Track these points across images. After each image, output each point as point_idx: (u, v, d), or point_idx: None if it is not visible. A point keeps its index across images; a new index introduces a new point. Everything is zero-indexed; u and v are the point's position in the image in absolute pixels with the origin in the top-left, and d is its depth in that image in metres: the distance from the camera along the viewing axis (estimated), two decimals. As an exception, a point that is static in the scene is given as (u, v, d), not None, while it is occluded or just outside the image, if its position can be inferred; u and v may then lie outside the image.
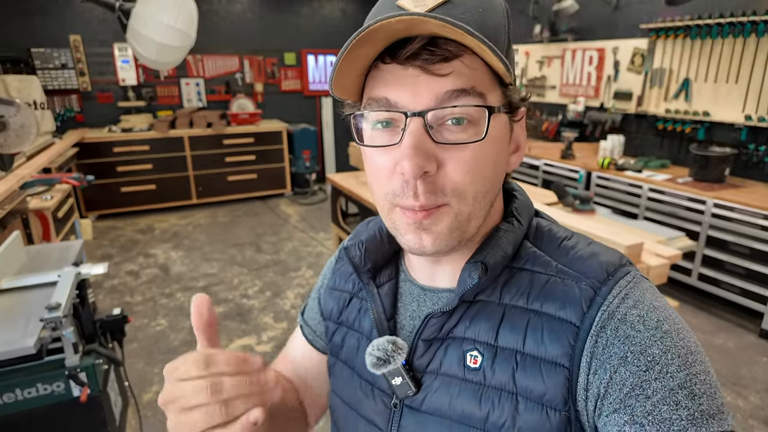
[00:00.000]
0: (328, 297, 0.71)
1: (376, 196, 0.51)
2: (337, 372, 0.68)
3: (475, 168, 0.47)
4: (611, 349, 0.46)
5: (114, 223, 5.19)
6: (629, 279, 0.50)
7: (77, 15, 5.15)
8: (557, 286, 0.50)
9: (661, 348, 0.45)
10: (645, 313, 0.47)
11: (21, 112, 2.97)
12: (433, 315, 0.54)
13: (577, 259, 0.52)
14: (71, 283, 1.76)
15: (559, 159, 4.29)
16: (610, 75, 4.40)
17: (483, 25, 0.44)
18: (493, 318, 0.52)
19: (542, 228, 0.57)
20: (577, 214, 2.29)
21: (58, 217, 3.09)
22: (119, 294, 3.60)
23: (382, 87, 0.46)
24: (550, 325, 0.49)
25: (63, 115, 5.31)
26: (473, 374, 0.52)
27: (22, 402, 1.68)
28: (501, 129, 0.49)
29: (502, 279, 0.53)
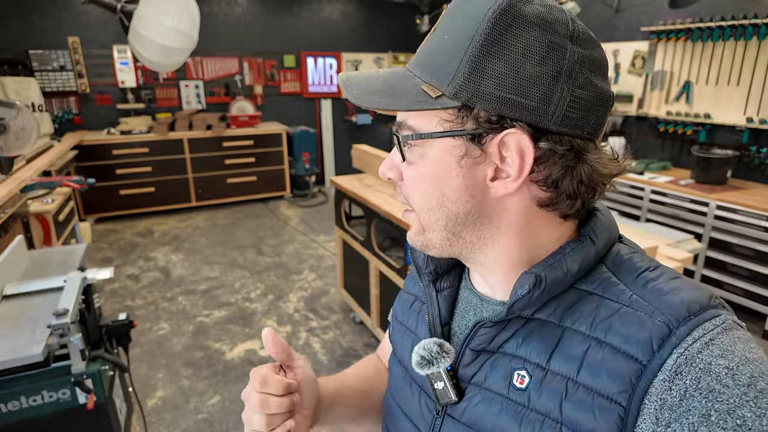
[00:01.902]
0: (399, 299, 0.75)
1: None
2: (393, 370, 0.70)
3: (414, 185, 0.53)
4: (690, 402, 0.40)
5: (113, 226, 5.16)
6: (717, 323, 0.44)
7: (75, 16, 5.12)
8: (627, 317, 0.46)
9: (755, 411, 0.38)
10: (735, 365, 0.41)
11: (21, 115, 2.94)
12: (483, 324, 0.53)
13: (655, 292, 0.47)
14: (78, 288, 1.74)
15: (561, 161, 4.29)
16: (611, 77, 4.41)
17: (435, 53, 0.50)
18: (548, 339, 0.49)
19: (622, 254, 0.52)
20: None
21: (59, 220, 3.06)
22: (120, 298, 3.57)
23: None
24: (611, 358, 0.45)
25: (61, 117, 5.27)
26: (518, 395, 0.50)
27: (27, 410, 1.65)
28: (443, 153, 0.50)
29: (567, 300, 0.50)
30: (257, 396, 0.55)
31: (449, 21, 0.50)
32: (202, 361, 2.84)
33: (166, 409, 2.45)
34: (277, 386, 0.56)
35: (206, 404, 2.50)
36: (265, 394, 0.55)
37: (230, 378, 2.68)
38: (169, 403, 2.50)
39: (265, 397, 0.55)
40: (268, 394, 0.55)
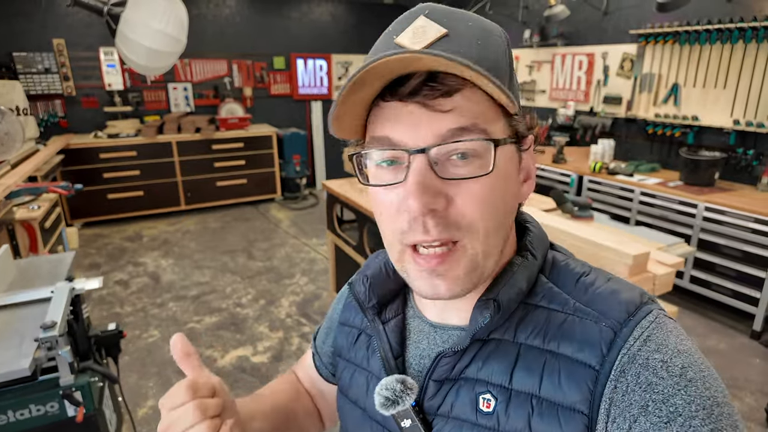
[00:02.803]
0: (339, 332, 0.69)
1: (386, 236, 0.50)
2: (347, 412, 0.65)
3: (486, 201, 0.45)
4: (632, 396, 0.43)
5: (101, 231, 5.09)
6: (651, 320, 0.47)
7: (61, 18, 5.04)
8: (575, 326, 0.48)
9: (685, 398, 0.42)
10: (669, 358, 0.44)
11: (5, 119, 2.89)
12: (444, 354, 0.52)
13: (596, 297, 0.49)
14: (66, 299, 1.71)
15: (551, 163, 4.32)
16: (599, 79, 4.45)
17: (483, 57, 0.44)
18: (507, 358, 0.50)
19: (558, 262, 0.55)
20: (576, 220, 2.29)
21: (45, 227, 3.01)
22: (108, 305, 3.52)
23: (383, 125, 0.46)
24: (567, 368, 0.47)
25: (47, 120, 5.19)
26: (486, 419, 0.49)
27: (14, 424, 1.62)
28: (508, 160, 0.48)
29: (517, 316, 0.51)
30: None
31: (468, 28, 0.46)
32: (194, 368, 2.80)
33: (157, 419, 2.41)
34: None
35: (198, 413, 2.46)
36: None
37: (222, 385, 2.65)
38: (160, 412, 2.46)
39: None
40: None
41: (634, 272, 1.56)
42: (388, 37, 0.47)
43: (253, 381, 2.69)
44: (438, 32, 0.44)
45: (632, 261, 1.53)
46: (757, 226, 3.00)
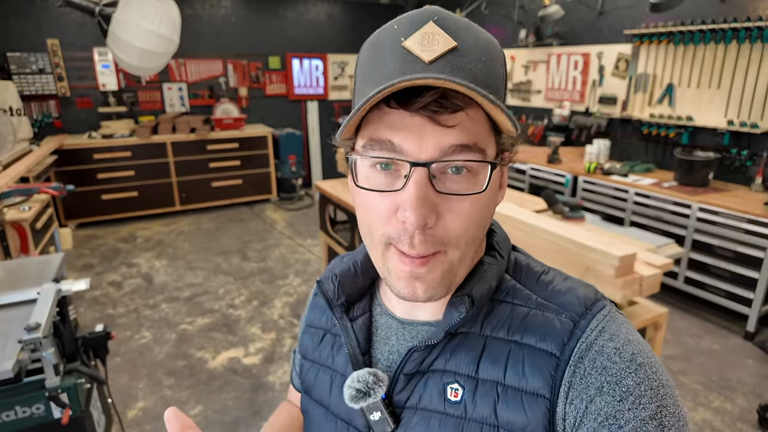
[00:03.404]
0: (305, 335, 0.70)
1: (372, 236, 0.50)
2: (310, 412, 0.65)
3: (473, 218, 0.48)
4: (588, 379, 0.48)
5: (95, 232, 5.07)
6: (605, 313, 0.52)
7: (55, 19, 5.03)
8: (538, 319, 0.52)
9: (635, 380, 0.46)
10: (621, 345, 0.49)
11: (-3, 120, 2.87)
12: (416, 349, 0.54)
13: (556, 293, 0.54)
14: (51, 300, 1.70)
15: (546, 163, 4.32)
16: (595, 80, 4.44)
17: (487, 75, 0.46)
18: (474, 350, 0.53)
19: (521, 262, 0.59)
20: (567, 221, 2.28)
21: (36, 228, 3.00)
22: (101, 306, 3.51)
23: (386, 129, 0.46)
24: (530, 357, 0.50)
25: (41, 121, 5.17)
26: (454, 408, 0.52)
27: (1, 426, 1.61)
28: (496, 177, 0.50)
29: (483, 311, 0.54)
30: None
31: (475, 42, 0.47)
32: (185, 370, 2.80)
33: (147, 420, 2.41)
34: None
35: (188, 414, 2.45)
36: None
37: (213, 387, 2.64)
38: (150, 414, 2.45)
39: None
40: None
41: (620, 273, 1.55)
42: (394, 37, 0.47)
43: (244, 382, 2.68)
44: (448, 44, 0.45)
45: (618, 262, 1.53)
46: (750, 226, 2.99)
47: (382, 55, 0.47)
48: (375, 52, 0.48)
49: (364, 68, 0.49)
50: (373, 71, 0.47)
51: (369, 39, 0.51)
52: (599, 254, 1.59)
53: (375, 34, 0.50)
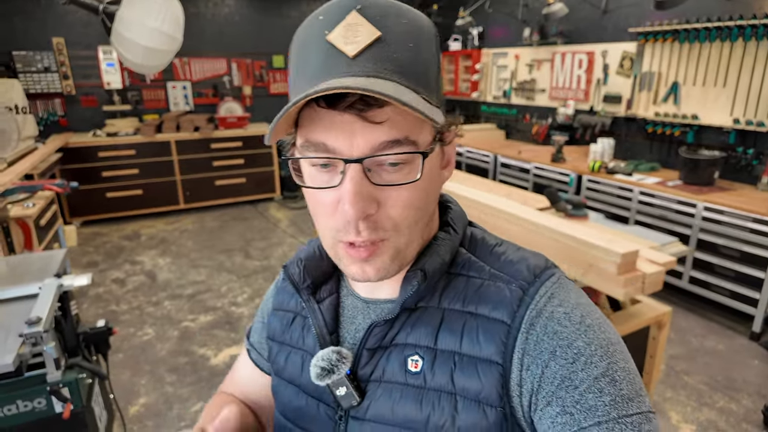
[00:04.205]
0: (273, 318, 0.71)
1: (321, 230, 0.54)
2: (281, 392, 0.67)
3: (412, 204, 0.50)
4: (541, 345, 0.50)
5: (99, 229, 5.09)
6: (554, 280, 0.54)
7: (60, 17, 5.05)
8: (490, 289, 0.54)
9: (585, 341, 0.49)
10: (570, 310, 0.51)
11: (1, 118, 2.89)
12: (376, 324, 0.56)
13: (507, 263, 0.56)
14: (53, 295, 1.70)
15: (550, 162, 4.30)
16: (599, 78, 4.42)
17: (415, 62, 0.47)
18: (432, 322, 0.55)
19: (476, 236, 0.62)
20: (570, 219, 2.27)
21: (40, 224, 3.01)
22: (105, 303, 3.52)
23: (319, 131, 0.47)
24: (484, 326, 0.53)
25: (46, 119, 5.20)
26: (414, 378, 0.54)
27: (1, 419, 1.61)
28: (433, 161, 0.52)
29: (440, 285, 0.57)
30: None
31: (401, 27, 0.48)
32: (187, 366, 2.80)
33: (149, 416, 2.41)
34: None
35: (189, 411, 2.46)
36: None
37: (214, 384, 2.64)
38: (151, 410, 2.46)
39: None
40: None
41: (622, 271, 1.54)
42: (320, 30, 0.47)
43: (246, 379, 2.68)
44: (371, 35, 0.45)
45: (620, 259, 1.52)
46: (756, 225, 2.97)
47: (308, 50, 0.48)
48: (302, 45, 0.49)
49: (294, 61, 0.50)
50: (301, 66, 0.49)
51: (297, 30, 0.51)
52: (601, 251, 1.58)
53: (302, 26, 0.50)
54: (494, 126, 5.78)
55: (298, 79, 0.49)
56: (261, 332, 0.76)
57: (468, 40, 5.99)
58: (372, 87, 0.42)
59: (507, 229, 2.02)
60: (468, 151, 5.31)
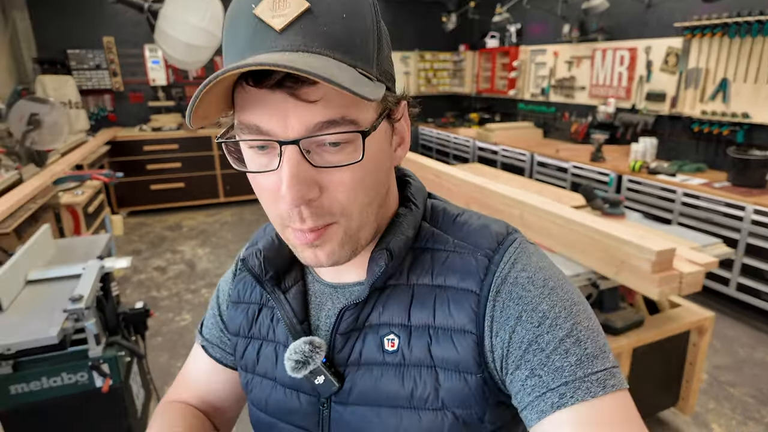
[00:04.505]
0: (233, 312, 0.68)
1: (269, 215, 0.51)
2: (255, 387, 0.65)
3: (358, 186, 0.47)
4: (507, 311, 0.50)
5: (144, 220, 5.32)
6: (516, 246, 0.54)
7: (111, 17, 5.31)
8: (456, 260, 0.54)
9: (549, 303, 0.50)
10: (533, 274, 0.52)
11: (54, 111, 3.07)
12: (347, 308, 0.55)
13: (471, 233, 0.56)
14: (95, 275, 1.80)
15: (589, 161, 4.18)
16: (642, 75, 4.27)
17: (348, 34, 0.44)
18: (403, 300, 0.55)
19: (437, 208, 0.61)
20: (606, 217, 2.21)
21: (88, 212, 3.18)
22: (146, 288, 3.68)
23: (251, 113, 0.44)
24: (454, 297, 0.53)
25: (96, 114, 5.47)
26: (392, 356, 0.54)
27: (47, 390, 1.71)
28: (380, 139, 0.49)
29: (407, 261, 0.56)
30: None
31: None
32: (220, 352, 2.89)
33: (183, 398, 2.51)
34: None
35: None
36: None
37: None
38: (186, 392, 2.55)
39: None
40: None
41: (657, 269, 1.49)
42: (246, 3, 0.44)
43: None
44: (300, 6, 0.42)
45: (655, 257, 1.47)
46: (809, 229, 2.80)
47: (236, 25, 0.44)
48: (230, 21, 0.46)
49: (225, 39, 0.47)
50: (230, 43, 0.45)
51: (230, 5, 0.47)
52: (635, 248, 1.53)
53: (233, 0, 0.47)
54: (531, 124, 5.67)
55: (227, 57, 0.46)
56: (216, 327, 0.72)
57: (506, 37, 5.90)
58: (295, 63, 0.38)
59: (536, 223, 1.99)
60: (503, 150, 5.23)
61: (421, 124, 6.97)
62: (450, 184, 2.64)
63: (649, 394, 2.06)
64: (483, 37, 6.26)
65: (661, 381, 2.07)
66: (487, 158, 5.45)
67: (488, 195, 2.26)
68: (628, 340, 1.81)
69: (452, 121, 6.62)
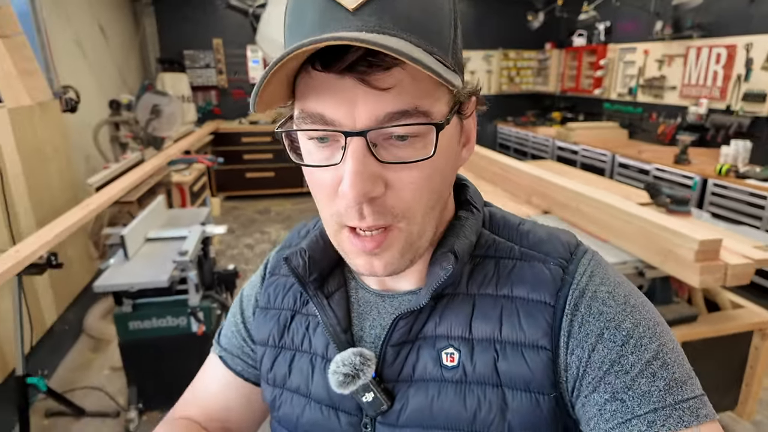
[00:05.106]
0: (262, 319, 0.61)
1: (322, 214, 0.48)
2: (284, 404, 0.58)
3: (425, 185, 0.43)
4: (587, 327, 0.46)
5: (238, 204, 5.91)
6: (589, 257, 0.51)
7: (220, 21, 5.95)
8: (525, 269, 0.50)
9: (633, 322, 0.46)
10: (613, 288, 0.48)
11: (172, 103, 3.59)
12: (401, 317, 0.50)
13: (538, 242, 0.52)
14: (197, 237, 2.16)
15: (672, 164, 4.02)
16: (740, 74, 4.01)
17: (426, 17, 0.40)
18: (464, 310, 0.50)
19: (496, 215, 0.57)
20: (670, 214, 2.21)
21: (193, 190, 3.68)
22: (236, 261, 4.15)
23: (316, 100, 0.41)
24: (525, 309, 0.48)
25: (203, 107, 6.16)
26: (452, 373, 0.49)
27: (156, 329, 2.09)
28: (451, 135, 0.45)
29: (466, 269, 0.52)
30: None
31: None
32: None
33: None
34: None
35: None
36: None
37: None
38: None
39: None
40: None
41: (700, 258, 1.53)
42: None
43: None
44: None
45: (698, 246, 1.51)
46: None
47: (302, 5, 0.41)
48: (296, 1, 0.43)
49: (288, 22, 0.43)
50: (294, 25, 0.42)
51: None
52: (680, 238, 1.58)
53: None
54: (616, 125, 5.49)
55: (290, 41, 0.42)
56: (237, 336, 0.65)
57: (593, 36, 5.75)
58: (374, 41, 0.35)
59: (591, 214, 2.06)
60: (584, 149, 5.13)
61: (499, 123, 6.97)
62: (514, 176, 2.74)
63: (703, 394, 2.04)
64: (570, 35, 6.14)
65: (717, 381, 2.04)
66: (567, 158, 5.37)
67: (548, 187, 2.35)
68: (677, 332, 1.84)
69: (533, 120, 6.56)
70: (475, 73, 6.90)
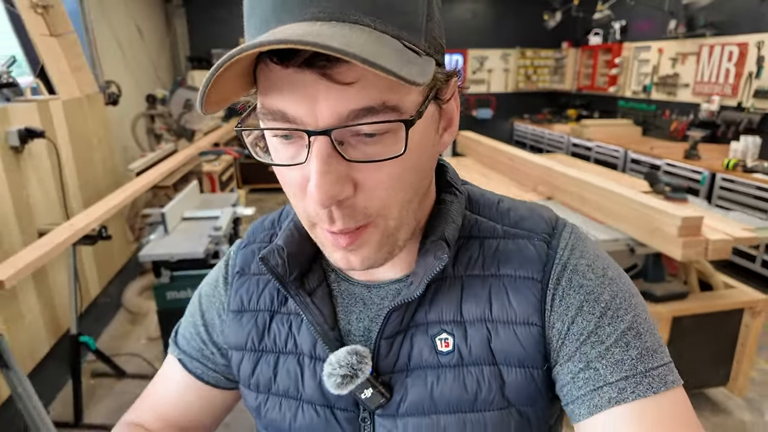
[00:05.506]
0: (236, 323, 0.57)
1: (296, 209, 0.46)
2: (272, 410, 0.55)
3: (397, 184, 0.41)
4: (567, 300, 0.47)
5: (261, 196, 6.17)
6: (569, 230, 0.52)
7: (247, 22, 6.22)
8: (509, 247, 0.50)
9: (611, 294, 0.47)
10: (592, 261, 0.49)
11: (203, 97, 3.84)
12: (395, 309, 0.48)
13: (520, 219, 0.52)
14: (229, 217, 2.39)
15: (682, 159, 4.11)
16: (751, 72, 4.09)
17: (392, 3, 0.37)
18: (453, 294, 0.50)
19: (475, 193, 0.56)
20: (668, 201, 2.35)
21: (222, 180, 3.94)
22: (260, 249, 4.40)
23: (276, 96, 0.38)
24: (513, 286, 0.49)
25: (230, 105, 6.44)
26: (448, 358, 0.49)
27: (191, 298, 2.32)
28: (426, 126, 0.42)
29: (452, 251, 0.50)
30: None
31: None
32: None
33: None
34: None
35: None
36: None
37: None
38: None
39: None
40: None
41: (683, 233, 1.68)
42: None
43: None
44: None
45: (681, 222, 1.66)
46: None
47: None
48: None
49: (245, 3, 0.41)
50: (249, 10, 0.40)
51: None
52: (666, 216, 1.73)
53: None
54: (630, 122, 5.57)
55: (248, 24, 0.40)
56: (196, 338, 0.61)
57: (609, 34, 5.84)
58: (328, 38, 0.32)
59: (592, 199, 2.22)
60: (598, 146, 5.24)
61: (516, 120, 7.10)
62: (523, 166, 2.91)
63: (695, 369, 2.17)
64: (586, 34, 6.24)
65: (708, 357, 2.17)
66: (581, 154, 5.48)
67: (551, 174, 2.52)
68: (667, 308, 1.98)
69: (549, 117, 6.67)
70: (492, 71, 7.04)
